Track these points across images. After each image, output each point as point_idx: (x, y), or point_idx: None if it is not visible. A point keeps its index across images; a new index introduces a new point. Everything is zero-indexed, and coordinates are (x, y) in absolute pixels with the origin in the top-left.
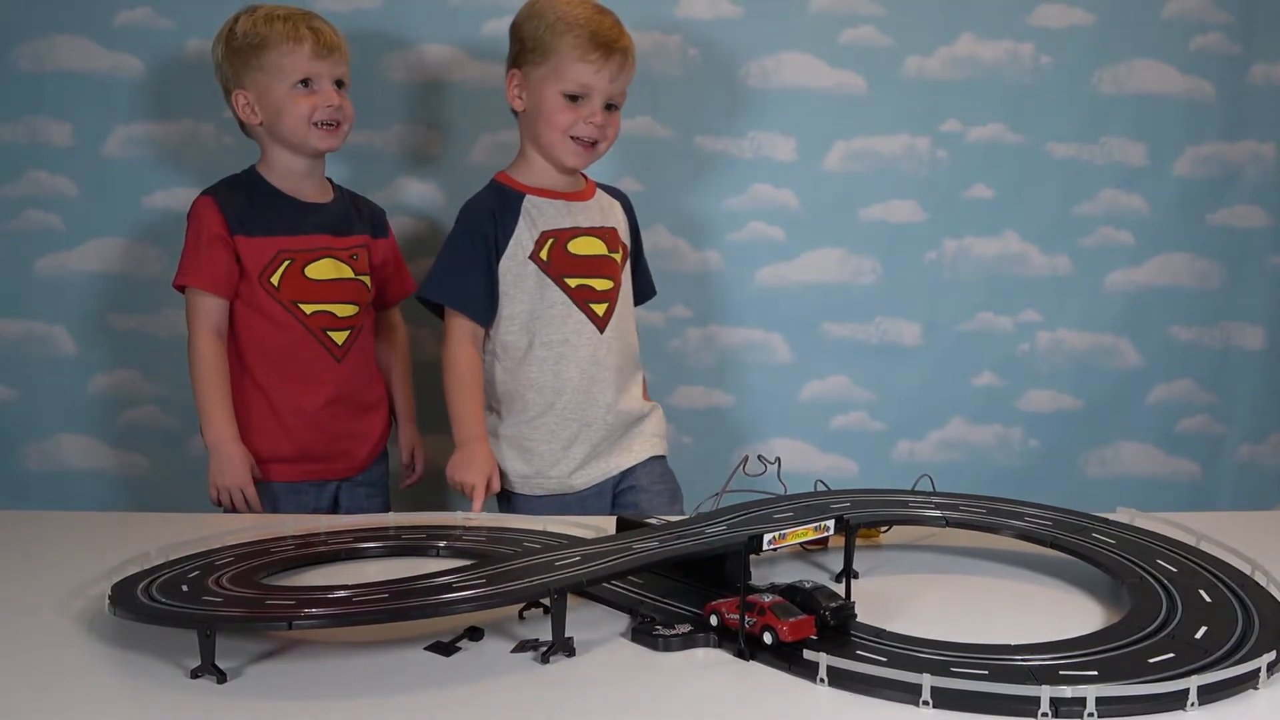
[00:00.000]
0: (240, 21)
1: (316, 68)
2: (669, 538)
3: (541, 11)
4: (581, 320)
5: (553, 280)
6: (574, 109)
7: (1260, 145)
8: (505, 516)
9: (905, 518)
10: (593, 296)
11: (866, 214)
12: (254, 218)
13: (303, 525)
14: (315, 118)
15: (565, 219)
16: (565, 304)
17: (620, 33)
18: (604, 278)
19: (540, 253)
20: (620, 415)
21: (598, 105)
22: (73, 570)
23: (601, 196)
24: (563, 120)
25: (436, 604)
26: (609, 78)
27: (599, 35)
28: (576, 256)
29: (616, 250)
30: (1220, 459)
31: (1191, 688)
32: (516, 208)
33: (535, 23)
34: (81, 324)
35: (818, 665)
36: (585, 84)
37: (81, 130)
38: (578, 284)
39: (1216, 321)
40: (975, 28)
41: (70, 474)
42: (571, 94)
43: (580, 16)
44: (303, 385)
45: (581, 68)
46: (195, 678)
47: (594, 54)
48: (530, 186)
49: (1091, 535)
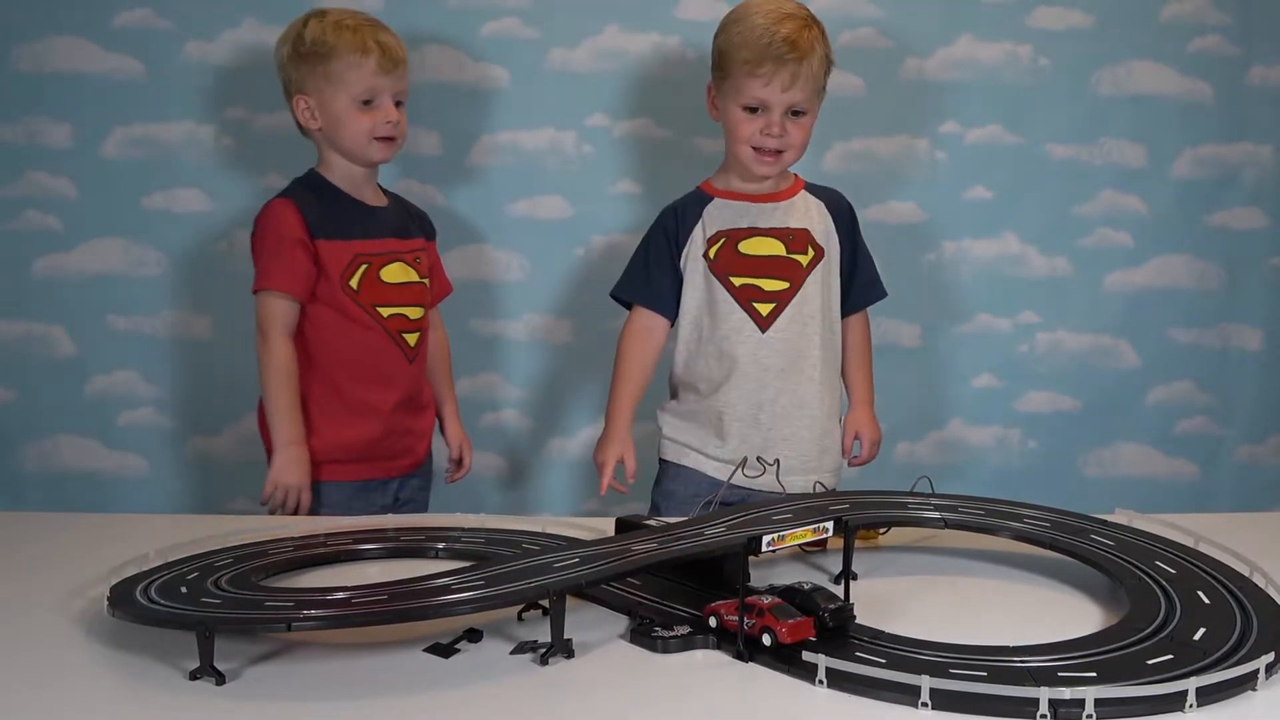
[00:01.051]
0: (310, 26)
1: (380, 83)
2: (668, 539)
3: (727, 24)
4: (743, 319)
5: (717, 279)
6: (753, 120)
7: (1258, 147)
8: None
9: (904, 519)
10: (758, 296)
11: (865, 215)
12: (329, 221)
13: (301, 526)
14: (375, 134)
15: (742, 219)
16: (728, 302)
17: (797, 41)
18: (777, 278)
19: (709, 251)
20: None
21: (776, 116)
22: (71, 571)
23: (803, 198)
24: (744, 132)
25: (435, 605)
26: (781, 88)
27: (771, 48)
28: (746, 256)
29: (802, 252)
30: (1219, 460)
31: (1190, 689)
32: (700, 210)
33: (722, 36)
34: (80, 325)
35: (816, 667)
36: (759, 97)
37: (80, 131)
38: (743, 283)
39: (1215, 323)
40: (974, 29)
41: (68, 475)
42: (750, 106)
43: (757, 29)
44: (378, 386)
45: (752, 82)
46: (194, 679)
47: (763, 68)
48: (721, 190)
49: (1090, 536)
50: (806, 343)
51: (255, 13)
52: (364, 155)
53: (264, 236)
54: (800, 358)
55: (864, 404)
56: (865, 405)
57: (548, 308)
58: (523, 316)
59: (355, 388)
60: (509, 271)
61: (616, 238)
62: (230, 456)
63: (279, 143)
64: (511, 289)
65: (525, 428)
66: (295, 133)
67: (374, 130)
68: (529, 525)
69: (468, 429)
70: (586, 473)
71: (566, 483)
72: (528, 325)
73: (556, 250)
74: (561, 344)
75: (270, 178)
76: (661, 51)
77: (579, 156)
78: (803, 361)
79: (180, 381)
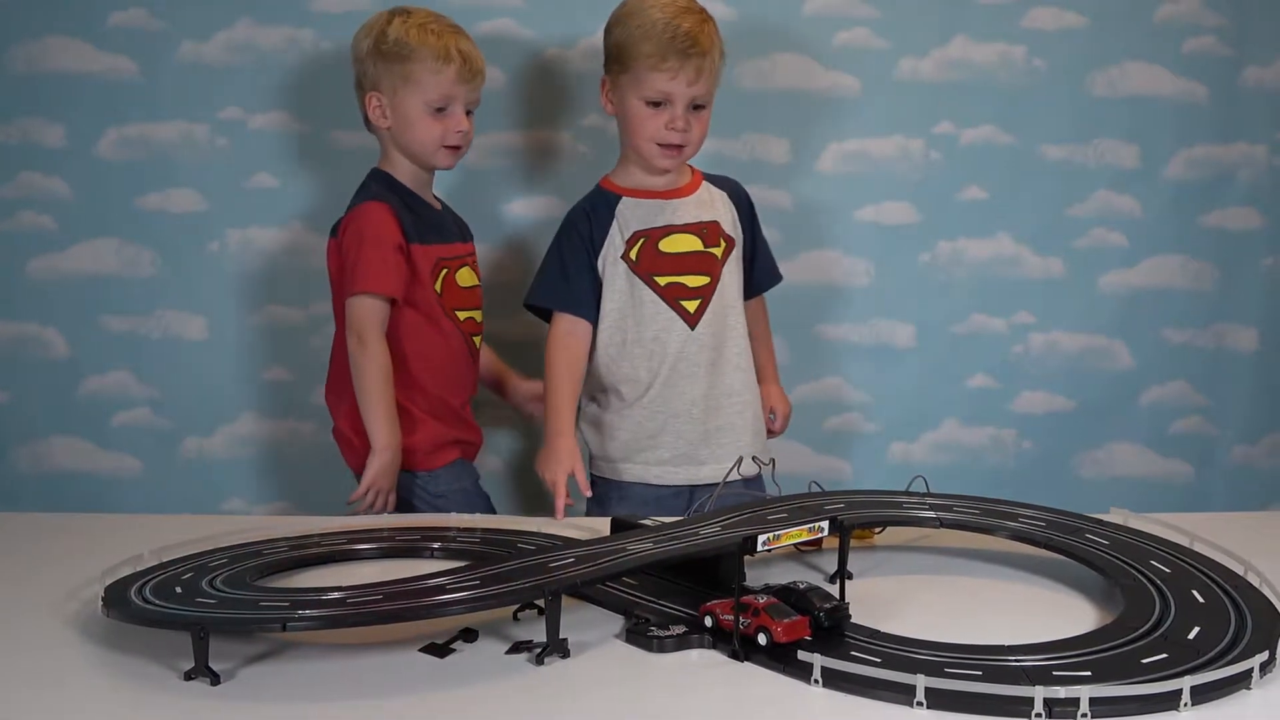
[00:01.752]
0: (394, 25)
1: (455, 91)
2: (663, 539)
3: (626, 17)
4: (671, 318)
5: (641, 279)
6: (657, 114)
7: (1252, 147)
8: (499, 518)
9: (899, 519)
10: (684, 294)
11: (860, 215)
12: (413, 225)
13: (296, 527)
14: (445, 141)
15: (657, 218)
16: (655, 302)
17: (698, 36)
18: (698, 274)
19: (630, 253)
20: (708, 409)
21: (680, 110)
22: (65, 572)
23: (706, 190)
24: (647, 128)
25: (431, 605)
26: (686, 82)
27: (675, 41)
28: (667, 255)
29: (716, 244)
30: (1213, 460)
31: (1184, 688)
32: (611, 211)
33: (618, 30)
34: (74, 325)
35: (812, 666)
36: (664, 91)
37: (74, 131)
38: (668, 282)
39: (1209, 323)
40: (968, 30)
41: (62, 476)
42: (653, 100)
43: (658, 22)
44: (455, 388)
45: (657, 76)
46: (189, 680)
47: (669, 61)
48: (626, 188)
49: (1085, 536)
50: (729, 332)
51: (249, 13)
52: (429, 160)
53: (362, 239)
54: (724, 347)
55: (773, 380)
56: (774, 381)
57: None
58: (516, 316)
59: (436, 389)
60: (505, 271)
61: None
62: (224, 457)
63: (273, 143)
64: (507, 289)
65: (519, 428)
66: (290, 133)
67: (444, 138)
68: (524, 525)
69: None
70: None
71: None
72: (522, 325)
73: None
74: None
75: (263, 178)
76: None
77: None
78: (727, 351)
79: (174, 382)
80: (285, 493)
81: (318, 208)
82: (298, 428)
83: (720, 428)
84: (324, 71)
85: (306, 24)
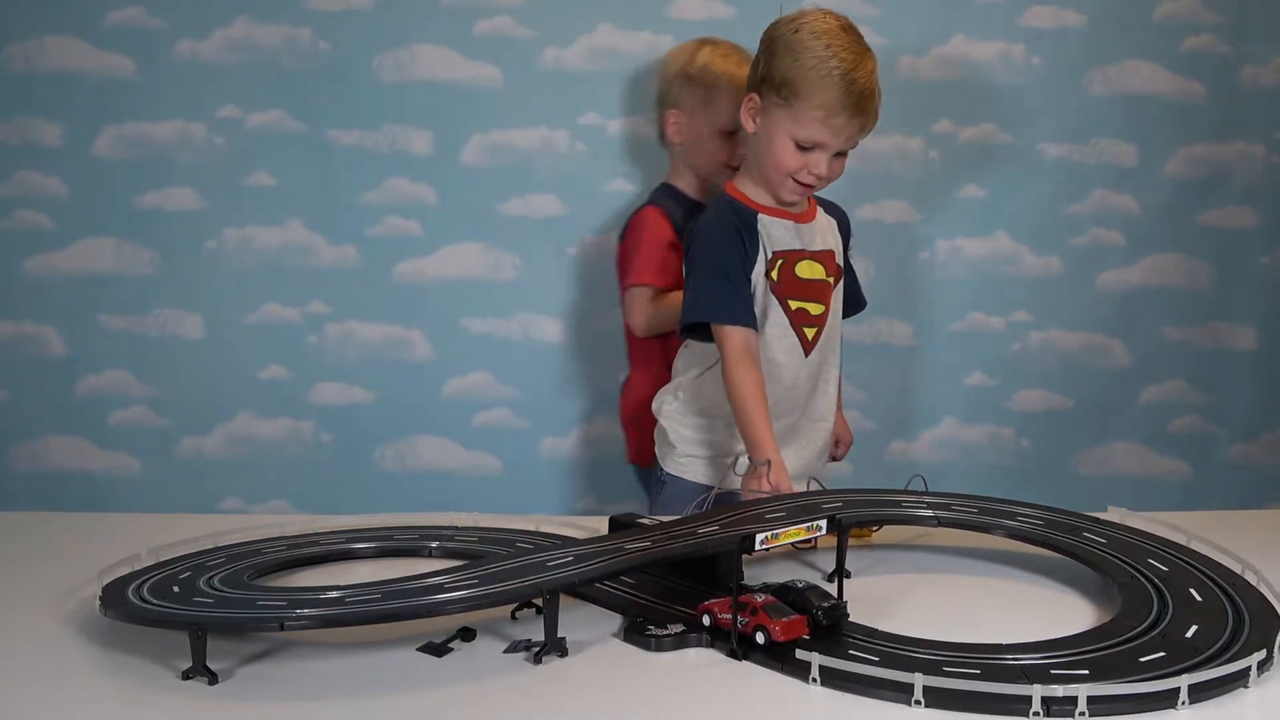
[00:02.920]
0: (703, 53)
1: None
2: (661, 538)
3: (799, 48)
4: (794, 343)
5: (778, 301)
6: (804, 156)
7: (1250, 146)
8: (497, 517)
9: (897, 517)
10: (808, 320)
11: (860, 214)
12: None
13: (294, 526)
14: (729, 163)
15: (795, 241)
16: (783, 325)
17: (872, 89)
18: (820, 302)
19: (771, 272)
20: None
21: (828, 156)
22: (63, 571)
23: (822, 216)
24: (791, 165)
25: (429, 604)
26: (845, 139)
27: (850, 95)
28: (801, 280)
29: (833, 274)
30: (1211, 459)
31: (1182, 686)
32: (753, 225)
33: (787, 61)
34: (71, 324)
35: (810, 665)
36: (821, 141)
37: (72, 130)
38: (798, 307)
39: (1207, 322)
40: (967, 29)
41: (60, 475)
42: (806, 145)
43: (838, 69)
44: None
45: (821, 129)
46: (186, 679)
47: (838, 119)
48: (761, 205)
49: (1083, 535)
50: (828, 363)
51: (247, 11)
52: (712, 176)
53: (639, 240)
54: (823, 376)
55: (841, 408)
56: (841, 409)
57: (540, 307)
58: (515, 315)
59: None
60: (502, 270)
61: (609, 237)
62: (222, 456)
63: (271, 142)
64: (504, 288)
65: (518, 427)
66: (288, 132)
67: (729, 159)
68: (522, 524)
69: (459, 429)
70: (580, 471)
71: (560, 481)
72: (520, 324)
73: (549, 249)
74: (554, 343)
75: (261, 177)
76: (654, 50)
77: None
78: (825, 381)
79: (172, 381)
80: (283, 492)
81: (315, 206)
82: (296, 427)
83: (797, 449)
84: (322, 70)
85: (305, 22)
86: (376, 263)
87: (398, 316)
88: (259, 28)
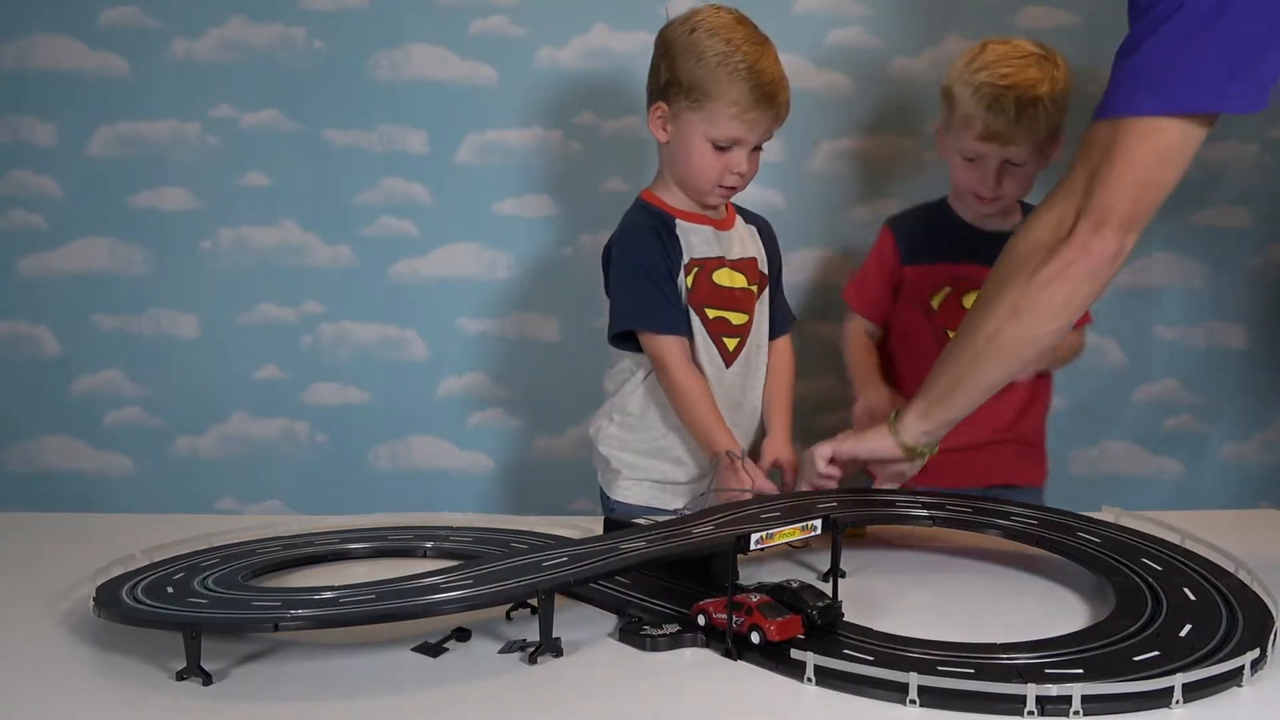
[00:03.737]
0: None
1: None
2: (656, 538)
3: (699, 48)
4: (714, 354)
5: (694, 310)
6: (722, 157)
7: (1243, 146)
8: (492, 517)
9: (892, 517)
10: (728, 330)
11: (851, 215)
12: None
13: (289, 526)
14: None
15: (714, 248)
16: (703, 335)
17: (779, 77)
18: (741, 311)
19: (687, 279)
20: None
21: (746, 154)
22: (56, 572)
23: (741, 225)
24: (712, 169)
25: (424, 605)
26: (762, 131)
27: (760, 86)
28: (719, 288)
29: (755, 282)
30: (1204, 458)
31: (1176, 685)
32: (672, 230)
33: (690, 63)
34: (64, 324)
35: (805, 664)
36: (737, 137)
37: (65, 129)
38: (716, 315)
39: (1200, 321)
40: (961, 29)
41: (53, 475)
42: (722, 145)
43: (743, 63)
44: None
45: (736, 125)
46: (181, 680)
47: (753, 111)
48: (679, 210)
49: (1077, 534)
50: (754, 374)
51: (241, 10)
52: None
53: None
54: (749, 391)
55: (784, 429)
56: (784, 430)
57: (535, 306)
58: (510, 315)
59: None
60: (496, 270)
61: (603, 237)
62: (216, 456)
63: (265, 141)
64: (499, 287)
65: (512, 427)
66: (282, 132)
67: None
68: (517, 524)
69: (454, 429)
70: (574, 471)
71: (554, 481)
72: (515, 324)
73: (544, 249)
74: (548, 342)
75: (255, 176)
76: (649, 50)
77: (566, 154)
78: (750, 393)
79: (166, 381)
80: (278, 492)
81: (310, 206)
82: (290, 427)
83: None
84: (316, 69)
85: (299, 22)
86: (371, 262)
87: (392, 316)
88: (253, 27)
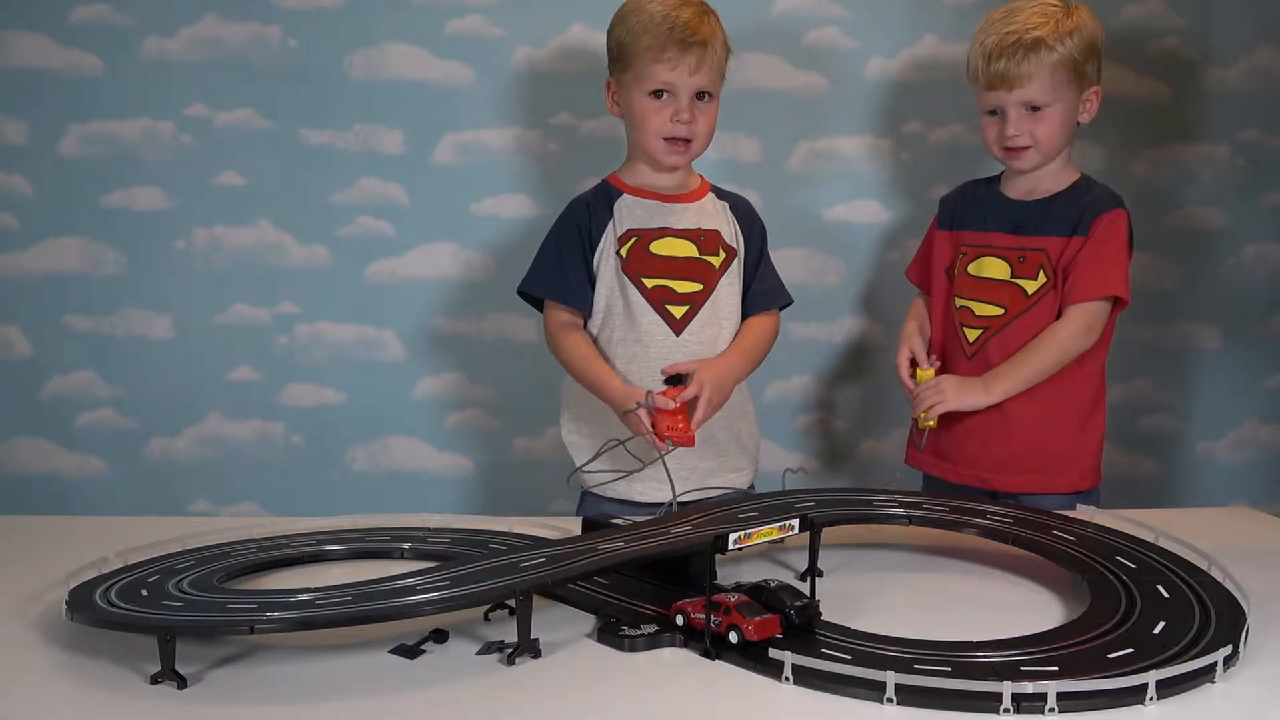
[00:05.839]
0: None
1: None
2: (635, 538)
3: (623, 16)
4: (656, 321)
5: (629, 279)
6: (661, 108)
7: (1216, 147)
8: (469, 518)
9: (870, 516)
10: (671, 298)
11: (830, 214)
12: None
13: (264, 528)
14: None
15: (654, 219)
16: (641, 303)
17: (698, 26)
18: (690, 280)
19: (621, 250)
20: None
21: (684, 101)
22: (29, 576)
23: (711, 200)
24: (653, 122)
25: (400, 606)
26: (688, 71)
27: (674, 31)
28: (658, 257)
29: (714, 253)
30: (1178, 457)
31: (1150, 682)
32: (611, 206)
33: (619, 29)
34: (37, 325)
35: (783, 664)
36: (666, 81)
37: (37, 128)
38: (655, 284)
39: (1174, 322)
40: (938, 30)
41: (26, 477)
42: (655, 91)
43: (656, 15)
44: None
45: (659, 67)
46: (155, 683)
47: (669, 52)
48: (631, 186)
49: (1052, 532)
50: (721, 345)
51: (215, 9)
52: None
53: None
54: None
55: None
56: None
57: (513, 306)
58: (487, 315)
59: None
60: (473, 270)
61: None
62: (191, 458)
63: (239, 140)
64: (477, 288)
65: (490, 427)
66: (257, 131)
67: None
68: (495, 525)
69: (431, 430)
70: (552, 472)
71: (532, 482)
72: (493, 324)
73: (521, 249)
74: (526, 343)
75: (230, 176)
76: None
77: (544, 154)
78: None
79: (140, 382)
80: (253, 494)
81: (285, 206)
82: (266, 428)
83: (702, 440)
84: (292, 68)
85: (274, 20)
86: (347, 263)
87: (369, 317)
88: (227, 25)
